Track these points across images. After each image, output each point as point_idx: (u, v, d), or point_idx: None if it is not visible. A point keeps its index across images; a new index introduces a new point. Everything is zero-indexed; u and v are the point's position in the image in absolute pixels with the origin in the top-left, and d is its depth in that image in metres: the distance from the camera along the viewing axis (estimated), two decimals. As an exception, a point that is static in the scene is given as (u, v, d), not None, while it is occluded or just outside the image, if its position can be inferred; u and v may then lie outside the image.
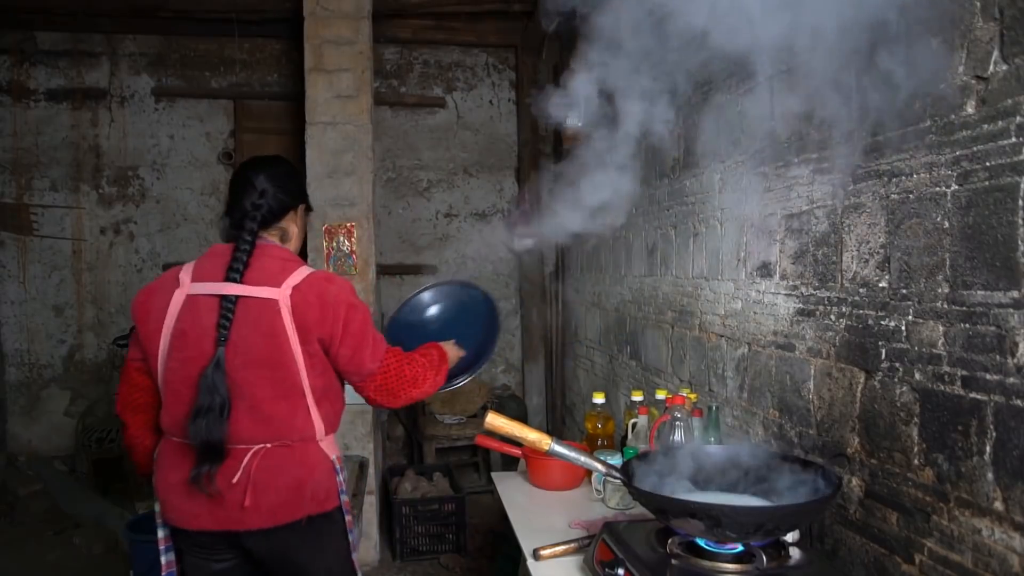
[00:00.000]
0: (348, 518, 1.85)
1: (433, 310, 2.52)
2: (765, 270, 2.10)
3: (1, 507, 4.47)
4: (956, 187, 1.35)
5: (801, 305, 1.90)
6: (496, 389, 5.38)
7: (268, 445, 1.71)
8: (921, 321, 1.45)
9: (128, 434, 1.87)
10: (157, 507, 1.81)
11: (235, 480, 1.67)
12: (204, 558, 1.79)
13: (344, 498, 1.83)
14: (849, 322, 1.69)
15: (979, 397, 1.30)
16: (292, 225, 1.88)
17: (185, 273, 1.76)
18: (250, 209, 1.77)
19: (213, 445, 1.63)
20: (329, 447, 1.82)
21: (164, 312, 1.73)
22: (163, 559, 1.82)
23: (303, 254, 2.22)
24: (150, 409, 1.85)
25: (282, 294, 1.70)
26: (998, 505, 1.26)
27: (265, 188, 1.80)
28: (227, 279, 1.70)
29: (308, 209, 1.96)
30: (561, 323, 5.10)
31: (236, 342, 1.68)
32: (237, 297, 1.69)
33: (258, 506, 1.68)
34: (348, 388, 1.93)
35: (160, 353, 1.74)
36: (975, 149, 1.30)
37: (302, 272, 1.75)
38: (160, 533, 1.82)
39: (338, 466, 1.83)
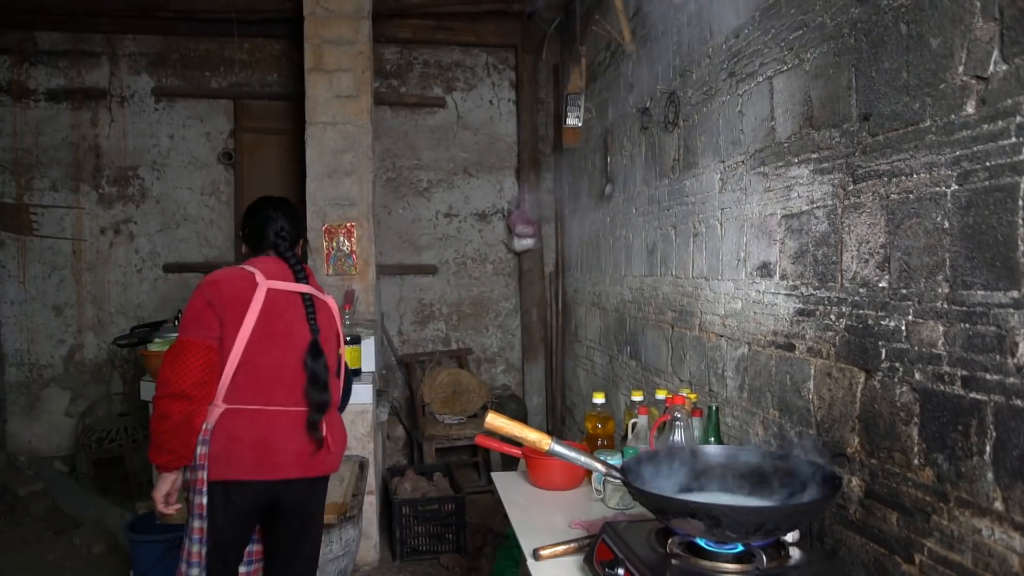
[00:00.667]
0: None
1: None
2: (765, 270, 2.10)
3: (1, 507, 4.47)
4: (956, 187, 1.35)
5: (801, 305, 1.90)
6: (496, 389, 5.38)
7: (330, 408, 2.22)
8: (921, 321, 1.45)
9: (190, 410, 2.03)
10: (202, 473, 2.06)
11: (324, 433, 2.18)
12: (238, 516, 2.10)
13: None
14: (849, 322, 1.69)
15: (979, 397, 1.30)
16: (298, 252, 2.37)
17: (256, 273, 2.17)
18: (279, 235, 2.27)
19: (325, 404, 2.17)
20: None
21: (248, 301, 2.11)
22: (194, 524, 2.08)
23: (303, 254, 2.62)
24: (214, 386, 2.09)
25: (330, 301, 2.33)
26: (998, 505, 1.26)
27: (283, 224, 2.29)
28: (298, 281, 2.22)
29: (306, 242, 2.54)
30: (561, 323, 5.10)
31: (320, 330, 2.21)
32: (312, 296, 2.24)
33: (337, 452, 2.25)
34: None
35: (242, 334, 2.09)
36: (975, 149, 1.30)
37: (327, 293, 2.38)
38: (201, 500, 2.07)
39: None
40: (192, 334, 2.06)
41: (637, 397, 2.26)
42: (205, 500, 2.06)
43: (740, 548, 1.40)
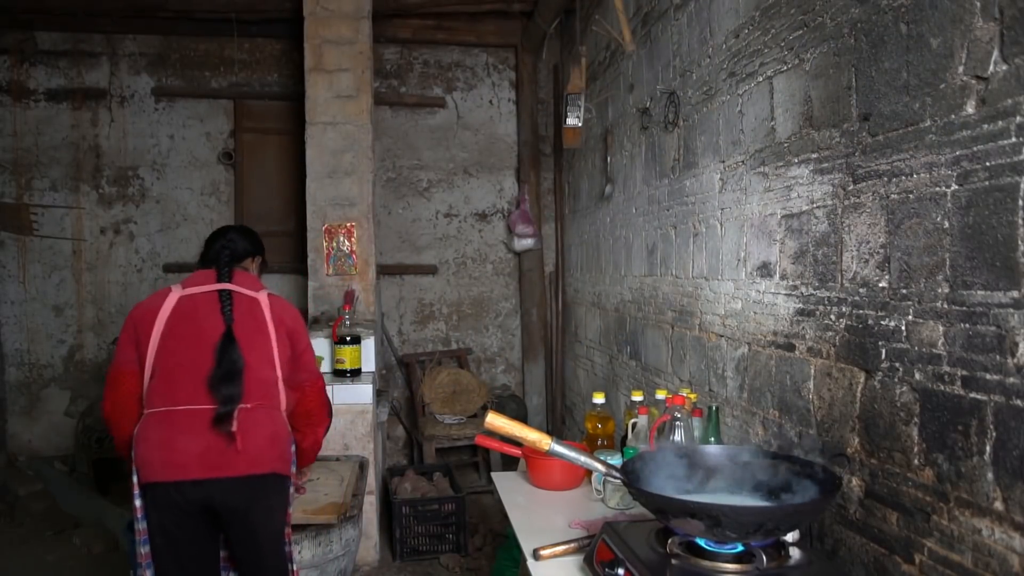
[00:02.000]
0: (292, 490, 2.28)
1: None
2: (765, 270, 2.10)
3: (1, 507, 4.47)
4: (956, 187, 1.35)
5: (801, 305, 1.90)
6: (496, 389, 5.38)
7: (252, 404, 2.14)
8: (921, 321, 1.45)
9: (122, 432, 2.22)
10: (133, 477, 2.13)
11: (234, 428, 2.07)
12: (173, 518, 2.10)
13: (293, 469, 2.28)
14: (849, 322, 1.69)
15: (979, 397, 1.30)
16: (252, 267, 2.50)
17: (174, 287, 2.25)
18: (224, 246, 2.35)
19: (231, 397, 2.08)
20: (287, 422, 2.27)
21: (157, 312, 2.18)
22: (138, 526, 2.14)
23: (259, 267, 2.70)
24: (137, 407, 2.18)
25: (261, 295, 2.29)
26: (998, 505, 1.26)
27: (232, 236, 2.44)
28: (219, 281, 2.24)
29: (264, 263, 2.59)
30: (561, 323, 5.10)
31: (237, 321, 2.18)
32: (231, 291, 2.23)
33: (247, 450, 2.08)
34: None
35: (152, 344, 2.15)
36: (975, 149, 1.30)
37: (267, 289, 2.35)
38: (137, 503, 2.14)
39: (293, 439, 2.28)
40: (114, 363, 2.22)
41: (637, 397, 2.26)
42: (138, 503, 2.15)
43: (740, 548, 1.40)
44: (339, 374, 3.71)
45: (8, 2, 4.65)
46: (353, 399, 3.61)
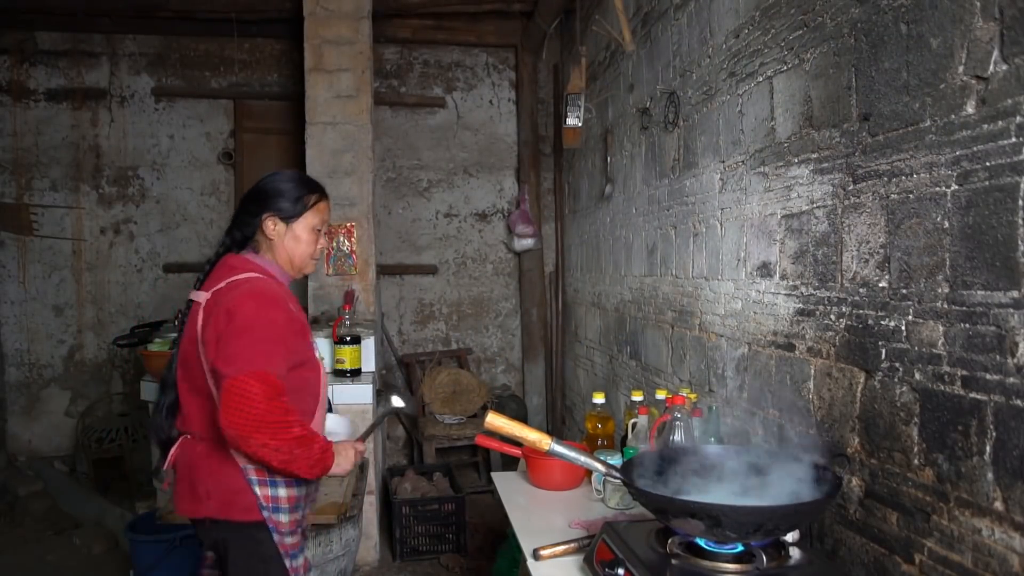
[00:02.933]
0: (287, 540, 1.78)
1: None
2: (765, 270, 2.10)
3: (1, 507, 4.47)
4: (956, 187, 1.35)
5: (801, 305, 1.90)
6: (496, 389, 5.38)
7: (187, 437, 1.83)
8: (921, 321, 1.45)
9: None
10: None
11: (166, 466, 1.85)
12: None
13: (276, 517, 1.77)
14: (849, 322, 1.69)
15: (979, 397, 1.30)
16: (264, 237, 1.91)
17: None
18: (227, 230, 1.95)
19: (158, 433, 1.86)
20: (245, 457, 1.74)
21: None
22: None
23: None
24: None
25: (204, 297, 1.81)
26: (998, 505, 1.26)
27: (236, 210, 1.96)
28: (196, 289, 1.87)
29: (284, 218, 1.90)
30: (561, 323, 5.10)
31: (181, 339, 1.84)
32: (191, 301, 1.84)
33: (176, 492, 1.84)
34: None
35: None
36: (975, 149, 1.30)
37: (232, 278, 1.81)
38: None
39: (256, 478, 1.76)
40: None
41: (637, 397, 2.26)
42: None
43: (740, 548, 1.40)
44: (339, 374, 3.71)
45: (8, 2, 4.65)
46: (353, 399, 3.61)
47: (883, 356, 1.56)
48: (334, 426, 2.09)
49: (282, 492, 1.79)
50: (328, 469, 1.78)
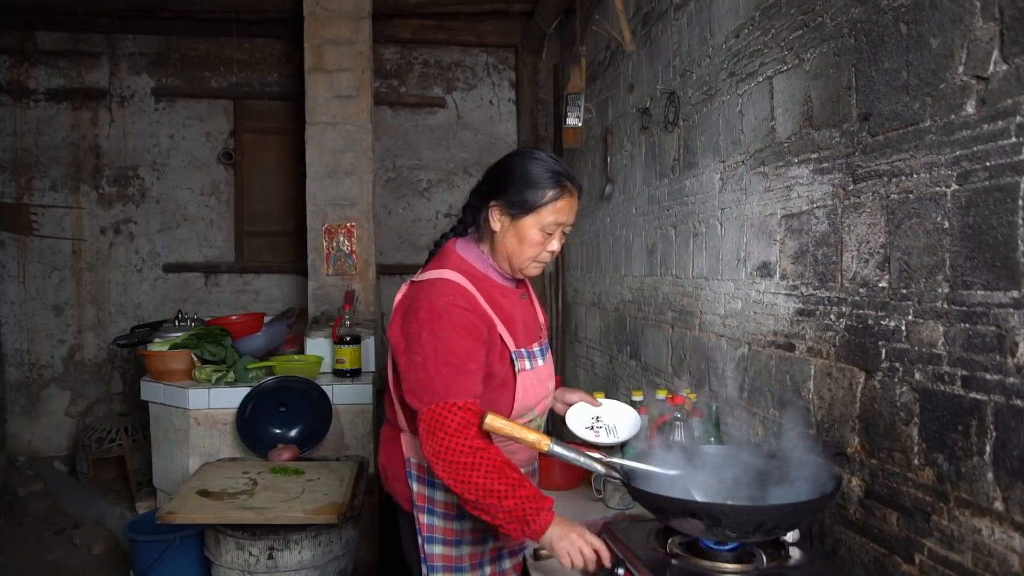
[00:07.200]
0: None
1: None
2: (765, 270, 2.10)
3: (1, 507, 4.47)
4: (956, 187, 1.35)
5: (801, 305, 1.90)
6: (496, 389, 5.37)
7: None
8: (921, 321, 1.45)
9: None
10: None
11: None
12: None
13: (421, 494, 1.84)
14: (849, 322, 1.69)
15: (979, 397, 1.30)
16: (487, 225, 1.76)
17: None
18: (463, 205, 1.84)
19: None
20: (409, 446, 1.81)
21: None
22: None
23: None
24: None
25: (403, 289, 1.76)
26: (998, 505, 1.26)
27: (475, 186, 1.82)
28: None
29: (510, 211, 1.70)
30: (561, 323, 5.10)
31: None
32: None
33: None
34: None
35: None
36: (975, 149, 1.30)
37: (424, 276, 1.70)
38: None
39: (416, 473, 1.83)
40: None
41: (637, 397, 2.26)
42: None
43: (740, 547, 1.41)
44: (339, 374, 3.71)
45: (8, 2, 4.65)
46: (353, 399, 3.61)
47: (883, 356, 1.56)
48: (611, 417, 1.93)
49: (438, 522, 1.81)
50: (537, 536, 1.55)
